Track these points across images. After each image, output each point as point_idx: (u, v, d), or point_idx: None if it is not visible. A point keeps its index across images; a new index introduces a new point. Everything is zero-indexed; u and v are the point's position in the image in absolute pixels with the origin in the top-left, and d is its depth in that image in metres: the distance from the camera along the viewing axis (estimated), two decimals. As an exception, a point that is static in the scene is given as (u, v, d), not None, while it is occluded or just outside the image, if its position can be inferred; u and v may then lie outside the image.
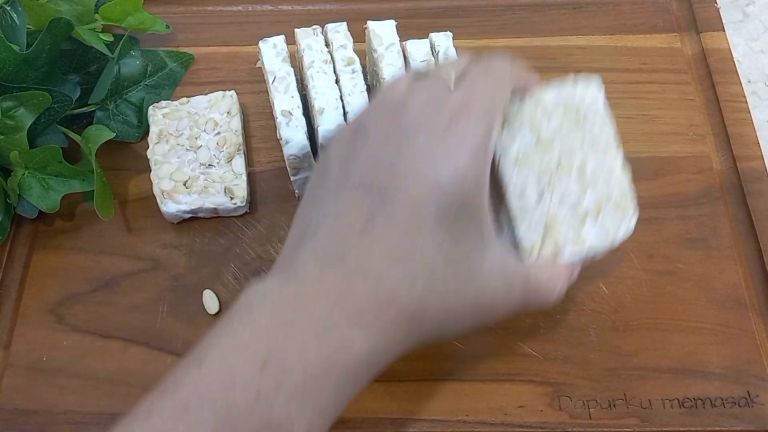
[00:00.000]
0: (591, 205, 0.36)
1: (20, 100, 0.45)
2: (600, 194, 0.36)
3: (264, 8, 0.59)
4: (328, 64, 0.46)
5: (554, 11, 0.58)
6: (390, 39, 0.47)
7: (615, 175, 0.37)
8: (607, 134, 0.38)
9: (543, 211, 0.36)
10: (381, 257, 0.33)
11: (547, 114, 0.37)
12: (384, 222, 0.33)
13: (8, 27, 0.46)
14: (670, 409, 0.41)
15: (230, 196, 0.47)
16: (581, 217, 0.36)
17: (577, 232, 0.36)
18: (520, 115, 0.38)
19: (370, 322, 0.32)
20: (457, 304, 0.35)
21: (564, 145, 0.37)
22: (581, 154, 0.37)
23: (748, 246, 0.47)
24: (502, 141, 0.37)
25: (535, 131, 0.37)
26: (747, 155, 0.50)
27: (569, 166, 0.36)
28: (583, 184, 0.36)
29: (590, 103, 0.38)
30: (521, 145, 0.37)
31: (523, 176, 0.37)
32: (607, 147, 0.37)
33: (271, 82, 0.46)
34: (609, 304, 0.45)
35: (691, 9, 0.57)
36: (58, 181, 0.47)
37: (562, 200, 0.36)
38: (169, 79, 0.55)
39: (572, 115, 0.37)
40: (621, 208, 0.36)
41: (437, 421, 0.42)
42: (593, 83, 0.38)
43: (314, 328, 0.31)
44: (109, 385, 0.43)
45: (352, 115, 0.44)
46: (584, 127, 0.37)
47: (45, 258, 0.48)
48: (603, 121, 0.38)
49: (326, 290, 0.32)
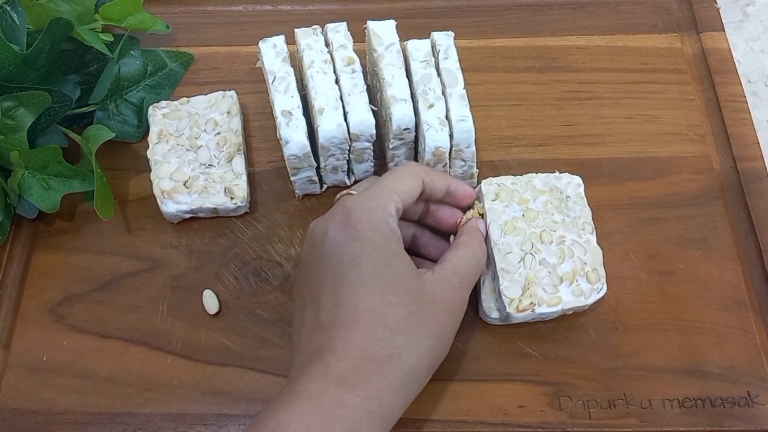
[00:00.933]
0: (567, 272, 0.42)
1: (20, 100, 0.45)
2: (575, 265, 0.42)
3: (264, 8, 0.59)
4: (327, 64, 0.46)
5: (554, 11, 0.58)
6: (390, 39, 0.47)
7: (590, 251, 0.43)
8: (586, 216, 0.44)
9: (524, 272, 0.42)
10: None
11: (535, 193, 0.44)
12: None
13: (8, 27, 0.46)
14: (670, 409, 0.41)
15: (230, 196, 0.47)
16: (558, 281, 0.42)
17: (554, 292, 0.41)
18: (511, 193, 0.44)
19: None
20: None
21: (547, 220, 0.43)
22: (562, 230, 0.43)
23: (748, 246, 0.47)
24: (495, 210, 0.43)
25: (523, 205, 0.44)
26: (747, 155, 0.50)
27: (550, 239, 0.43)
28: (561, 255, 0.42)
29: (573, 189, 0.45)
30: (509, 215, 0.43)
31: (509, 241, 0.43)
32: (585, 227, 0.44)
33: (271, 82, 0.46)
34: (609, 304, 0.45)
35: (691, 9, 0.57)
36: (58, 181, 0.47)
37: (541, 264, 0.42)
38: (169, 79, 0.55)
39: (557, 195, 0.44)
40: (593, 279, 0.42)
41: (437, 421, 0.42)
42: (577, 177, 0.45)
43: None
44: (109, 385, 0.43)
45: (352, 114, 0.44)
46: (566, 208, 0.44)
47: (45, 258, 0.48)
48: (583, 205, 0.44)
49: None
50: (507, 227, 0.43)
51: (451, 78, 0.45)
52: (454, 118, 0.44)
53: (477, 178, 0.48)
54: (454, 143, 0.44)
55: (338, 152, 0.45)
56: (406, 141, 0.46)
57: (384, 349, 0.36)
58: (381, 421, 0.35)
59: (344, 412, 0.34)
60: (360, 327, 0.36)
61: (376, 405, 0.35)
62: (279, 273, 0.47)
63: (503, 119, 0.52)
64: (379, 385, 0.35)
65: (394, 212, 0.39)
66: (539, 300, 0.41)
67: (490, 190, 0.44)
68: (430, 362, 0.38)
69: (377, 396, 0.35)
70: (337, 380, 0.35)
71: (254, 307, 0.46)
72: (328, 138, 0.44)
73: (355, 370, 0.35)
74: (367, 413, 0.34)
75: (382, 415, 0.35)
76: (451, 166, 0.46)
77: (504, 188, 0.44)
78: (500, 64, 0.55)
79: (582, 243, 0.43)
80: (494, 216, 0.43)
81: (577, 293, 0.41)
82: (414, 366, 0.37)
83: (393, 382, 0.36)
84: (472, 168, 0.47)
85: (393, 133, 0.44)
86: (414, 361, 0.36)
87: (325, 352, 0.36)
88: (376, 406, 0.35)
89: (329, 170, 0.48)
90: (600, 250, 0.43)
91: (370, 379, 0.35)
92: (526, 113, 0.53)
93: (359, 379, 0.35)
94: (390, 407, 0.36)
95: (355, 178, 0.49)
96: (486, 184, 0.45)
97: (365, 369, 0.35)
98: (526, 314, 0.41)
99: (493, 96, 0.53)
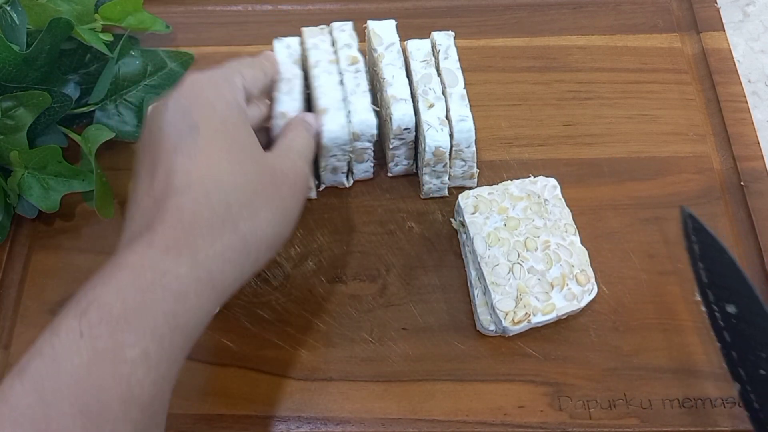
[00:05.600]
0: (557, 277, 0.42)
1: (20, 100, 0.45)
2: (564, 269, 0.42)
3: (264, 8, 0.59)
4: (333, 64, 0.46)
5: (554, 11, 0.58)
6: (390, 39, 0.47)
7: (575, 253, 0.43)
8: (566, 218, 0.44)
9: (514, 283, 0.42)
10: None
11: (513, 200, 0.44)
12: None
13: (8, 27, 0.46)
14: (670, 409, 0.41)
15: None
16: (548, 287, 0.42)
17: (546, 299, 0.41)
18: (490, 204, 0.44)
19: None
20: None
21: (529, 227, 0.43)
22: (545, 234, 0.43)
23: (748, 246, 0.47)
24: (476, 223, 0.44)
25: (503, 214, 0.44)
26: (747, 155, 0.50)
27: (535, 245, 0.43)
28: (548, 261, 0.42)
29: (550, 192, 0.45)
30: (491, 226, 0.44)
31: (494, 252, 0.43)
32: (567, 228, 0.44)
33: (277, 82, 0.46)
34: (609, 304, 0.45)
35: (691, 9, 0.57)
36: (57, 181, 0.47)
37: (530, 272, 0.42)
38: (169, 79, 0.55)
39: (535, 200, 0.44)
40: (582, 281, 0.42)
41: (437, 421, 0.42)
42: (551, 179, 0.45)
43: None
44: (109, 385, 0.43)
45: (354, 114, 0.44)
46: (546, 212, 0.44)
47: (45, 258, 0.48)
48: (561, 206, 0.45)
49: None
50: (491, 239, 0.43)
51: (451, 78, 0.45)
52: (455, 118, 0.44)
53: (477, 178, 0.48)
54: (455, 143, 0.44)
55: (340, 153, 0.45)
56: (406, 141, 0.46)
57: (217, 215, 0.33)
58: (211, 289, 0.33)
59: (168, 280, 0.31)
60: (193, 192, 0.33)
61: (205, 273, 0.32)
62: (279, 273, 0.47)
63: (503, 119, 0.52)
64: (209, 251, 0.32)
65: (240, 86, 0.38)
66: (533, 309, 0.41)
67: (468, 203, 0.44)
68: (269, 234, 0.36)
69: (206, 263, 0.32)
70: (163, 248, 0.32)
71: (254, 307, 0.46)
72: (332, 138, 0.44)
73: (183, 237, 0.32)
74: (195, 281, 0.32)
75: (212, 283, 0.33)
76: (451, 166, 0.46)
77: (482, 199, 0.44)
78: (500, 64, 0.55)
79: (566, 245, 0.43)
80: (476, 229, 0.43)
81: (569, 297, 0.42)
82: (248, 234, 0.34)
83: (225, 249, 0.33)
84: (473, 168, 0.47)
85: (393, 133, 0.44)
86: (249, 229, 0.34)
87: (155, 222, 0.33)
88: (205, 273, 0.32)
89: (329, 171, 0.47)
90: (585, 250, 0.43)
91: (199, 246, 0.32)
92: (526, 113, 0.53)
93: (187, 246, 0.32)
94: (221, 276, 0.33)
95: (354, 178, 0.49)
96: (463, 197, 0.45)
97: (194, 235, 0.32)
98: (522, 326, 0.41)
99: (494, 96, 0.53)
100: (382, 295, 0.46)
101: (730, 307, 0.38)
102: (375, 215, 0.49)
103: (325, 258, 0.47)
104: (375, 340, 0.44)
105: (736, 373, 0.37)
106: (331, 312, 0.45)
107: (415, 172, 0.49)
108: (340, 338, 0.44)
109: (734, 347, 0.38)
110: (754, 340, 0.37)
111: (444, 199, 0.49)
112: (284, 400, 0.42)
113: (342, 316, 0.45)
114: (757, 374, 0.36)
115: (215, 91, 0.37)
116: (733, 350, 0.38)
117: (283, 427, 0.42)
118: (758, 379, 0.36)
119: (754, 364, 0.37)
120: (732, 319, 0.38)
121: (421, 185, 0.48)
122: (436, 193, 0.48)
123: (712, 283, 0.39)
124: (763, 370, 0.36)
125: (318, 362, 0.44)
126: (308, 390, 0.43)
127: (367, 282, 0.46)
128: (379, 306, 0.45)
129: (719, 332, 0.38)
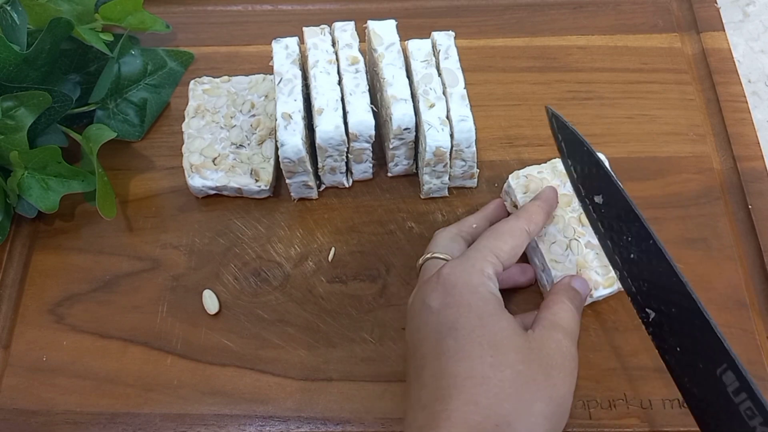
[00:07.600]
0: None
1: (20, 100, 0.45)
2: None
3: (264, 8, 0.59)
4: (332, 64, 0.46)
5: (554, 11, 0.58)
6: (390, 39, 0.47)
7: None
8: None
9: (573, 258, 0.42)
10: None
11: (563, 177, 0.44)
12: None
13: (8, 27, 0.46)
14: (670, 409, 0.41)
15: (255, 178, 0.48)
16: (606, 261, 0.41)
17: (606, 272, 0.42)
18: (540, 182, 0.44)
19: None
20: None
21: None
22: None
23: (748, 246, 0.47)
24: None
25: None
26: (747, 155, 0.50)
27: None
28: None
29: None
30: None
31: (551, 230, 0.43)
32: None
33: (277, 83, 0.46)
34: (609, 304, 0.45)
35: (691, 9, 0.57)
36: (57, 182, 0.47)
37: (587, 247, 0.42)
38: (169, 78, 0.55)
39: None
40: None
41: (437, 421, 0.42)
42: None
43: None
44: (109, 385, 0.43)
45: (352, 114, 0.44)
46: None
47: (45, 258, 0.48)
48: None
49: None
50: None
51: (451, 78, 0.45)
52: (455, 118, 0.44)
53: (477, 177, 0.48)
54: (455, 143, 0.44)
55: (336, 153, 0.45)
56: (406, 141, 0.46)
57: (489, 418, 0.32)
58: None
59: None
60: (461, 396, 0.33)
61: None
62: (279, 273, 0.47)
63: (504, 119, 0.52)
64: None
65: (492, 274, 0.37)
66: (595, 284, 0.41)
67: (519, 183, 0.44)
68: (547, 429, 0.33)
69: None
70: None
71: (254, 307, 0.46)
72: (326, 139, 0.44)
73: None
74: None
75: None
76: (451, 166, 0.46)
77: (532, 179, 0.44)
78: (500, 64, 0.55)
79: None
80: None
81: None
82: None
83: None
84: (473, 168, 0.47)
85: (393, 133, 0.44)
86: (526, 429, 0.33)
87: (429, 428, 0.32)
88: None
89: (327, 171, 0.47)
90: None
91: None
92: (526, 113, 0.53)
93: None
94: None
95: (353, 179, 0.49)
96: (513, 178, 0.45)
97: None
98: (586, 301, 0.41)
99: (494, 96, 0.53)
100: (382, 295, 0.46)
101: (598, 198, 0.39)
102: (375, 215, 0.49)
103: (325, 258, 0.47)
104: (375, 340, 0.44)
105: (614, 260, 0.39)
106: (331, 312, 0.45)
107: (415, 172, 0.50)
108: (340, 338, 0.44)
109: (607, 236, 0.39)
110: (620, 227, 0.38)
111: (444, 199, 0.49)
112: (284, 400, 0.42)
113: (342, 316, 0.45)
114: (629, 258, 0.38)
115: (468, 288, 0.36)
116: (607, 240, 0.39)
117: (283, 427, 0.42)
118: (630, 262, 0.38)
119: (626, 249, 0.38)
120: (601, 209, 0.39)
121: (421, 185, 0.48)
122: (436, 193, 0.48)
123: (581, 177, 0.40)
124: (632, 254, 0.38)
125: (318, 362, 0.44)
126: (308, 390, 0.43)
127: (367, 282, 0.46)
128: (379, 306, 0.45)
129: (594, 224, 0.40)
